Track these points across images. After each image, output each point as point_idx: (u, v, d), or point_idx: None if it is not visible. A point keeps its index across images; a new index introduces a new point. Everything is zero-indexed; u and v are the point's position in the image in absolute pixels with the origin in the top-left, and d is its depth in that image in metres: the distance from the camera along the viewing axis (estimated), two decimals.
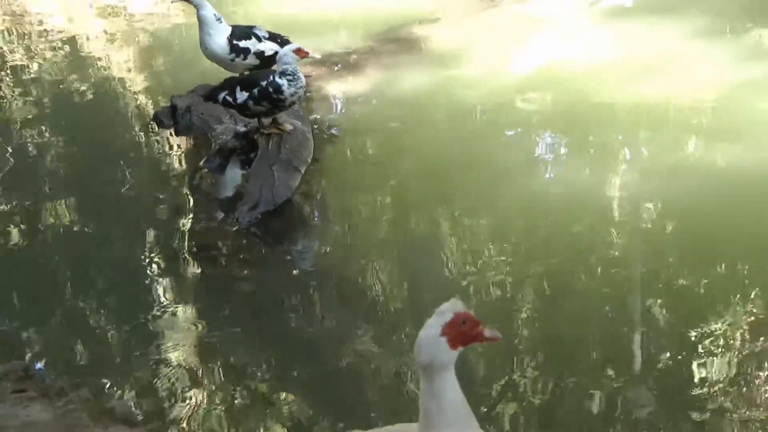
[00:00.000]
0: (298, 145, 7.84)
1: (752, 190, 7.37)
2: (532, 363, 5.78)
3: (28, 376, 5.08)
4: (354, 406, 5.53)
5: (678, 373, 5.64)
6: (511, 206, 7.43)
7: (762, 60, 9.71)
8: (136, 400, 5.56)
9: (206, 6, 8.37)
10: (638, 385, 5.59)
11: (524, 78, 9.65)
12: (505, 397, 5.51)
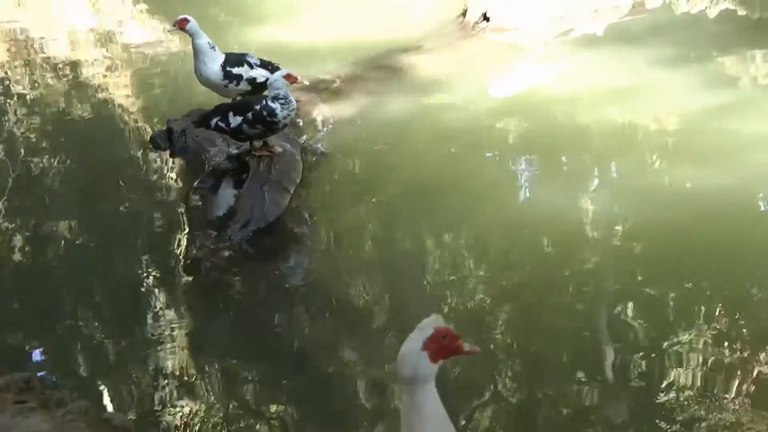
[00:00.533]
0: (288, 167, 7.83)
1: (717, 210, 7.39)
2: (508, 374, 5.78)
3: (28, 387, 5.05)
4: (341, 415, 5.52)
5: (648, 383, 5.63)
6: (490, 224, 7.43)
7: (724, 86, 9.76)
8: (133, 410, 5.54)
9: (201, 35, 8.37)
10: (609, 396, 5.59)
11: (502, 103, 9.67)
12: (483, 407, 5.50)
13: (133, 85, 10.44)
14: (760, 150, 8.24)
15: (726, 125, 8.80)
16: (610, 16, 11.72)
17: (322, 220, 7.55)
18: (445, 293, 6.54)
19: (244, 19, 12.73)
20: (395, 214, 7.65)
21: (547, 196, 7.81)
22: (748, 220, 7.30)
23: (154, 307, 6.54)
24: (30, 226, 7.62)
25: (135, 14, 13.28)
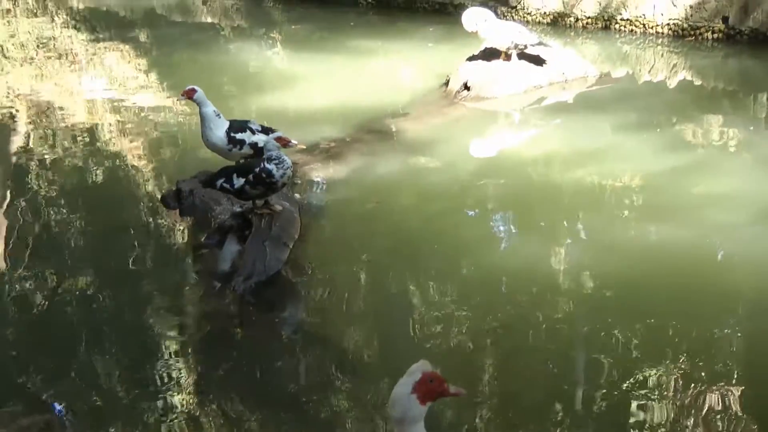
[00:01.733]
0: (287, 223, 7.83)
1: (678, 261, 7.41)
2: (488, 413, 5.75)
3: (48, 428, 5.02)
4: None
5: (616, 420, 5.61)
6: (472, 276, 7.44)
7: (683, 149, 9.82)
8: None
9: (207, 104, 8.40)
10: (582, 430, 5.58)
11: (482, 165, 9.71)
12: None
13: (145, 149, 10.45)
14: (715, 207, 8.27)
15: (685, 185, 8.84)
16: (579, 86, 11.80)
17: (318, 273, 7.53)
18: (432, 340, 6.52)
19: (246, 88, 12.78)
20: (385, 266, 7.65)
21: (524, 250, 7.81)
22: (707, 271, 7.31)
23: (163, 353, 6.50)
24: (49, 278, 7.58)
25: (147, 84, 13.32)
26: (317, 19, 16.92)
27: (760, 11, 13.10)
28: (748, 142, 10.04)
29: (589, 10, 14.57)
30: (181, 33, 16.99)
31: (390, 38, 15.05)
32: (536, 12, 15.11)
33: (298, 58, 14.47)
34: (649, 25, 14.06)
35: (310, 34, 16.12)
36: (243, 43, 15.71)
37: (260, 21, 17.65)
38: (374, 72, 13.49)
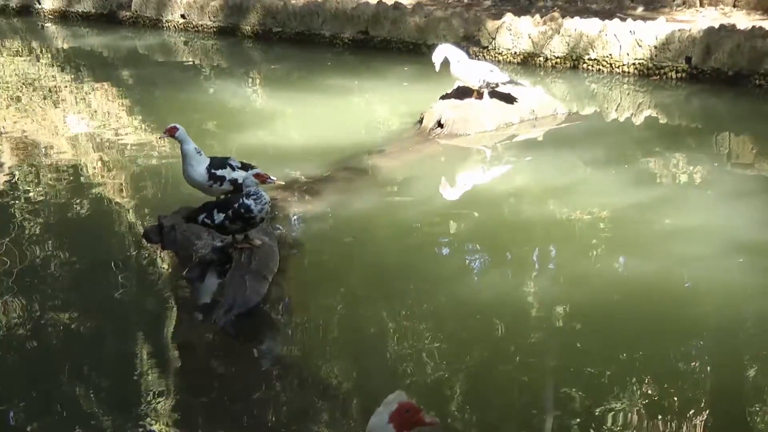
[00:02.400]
0: (266, 257, 7.83)
1: (645, 293, 7.46)
2: None
3: None
4: None
5: None
6: (446, 307, 7.45)
7: (650, 185, 9.88)
8: None
9: (189, 141, 8.41)
10: None
11: (455, 200, 9.74)
12: None
13: (128, 185, 10.43)
14: (681, 240, 8.33)
15: (652, 218, 8.90)
16: (549, 123, 11.88)
17: (297, 306, 7.53)
18: (408, 370, 6.53)
19: (226, 125, 12.79)
20: (362, 299, 7.66)
21: (496, 282, 7.84)
22: (673, 303, 7.35)
23: (145, 384, 6.48)
24: (32, 312, 7.53)
25: (129, 122, 13.32)
26: (295, 59, 16.98)
27: (721, 52, 13.24)
28: (712, 177, 10.12)
29: (558, 50, 14.69)
30: (163, 72, 17.02)
31: (366, 77, 15.12)
32: (507, 52, 15.21)
33: (277, 97, 14.52)
34: (616, 65, 14.17)
35: (289, 73, 16.18)
36: (223, 83, 15.74)
37: (240, 61, 17.71)
38: (351, 110, 13.54)
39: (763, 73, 12.93)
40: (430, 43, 15.88)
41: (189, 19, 19.85)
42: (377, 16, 16.98)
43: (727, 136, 11.99)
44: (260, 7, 18.71)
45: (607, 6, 16.80)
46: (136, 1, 20.88)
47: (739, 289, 7.48)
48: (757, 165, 10.84)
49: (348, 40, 17.34)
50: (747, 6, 15.63)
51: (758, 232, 8.42)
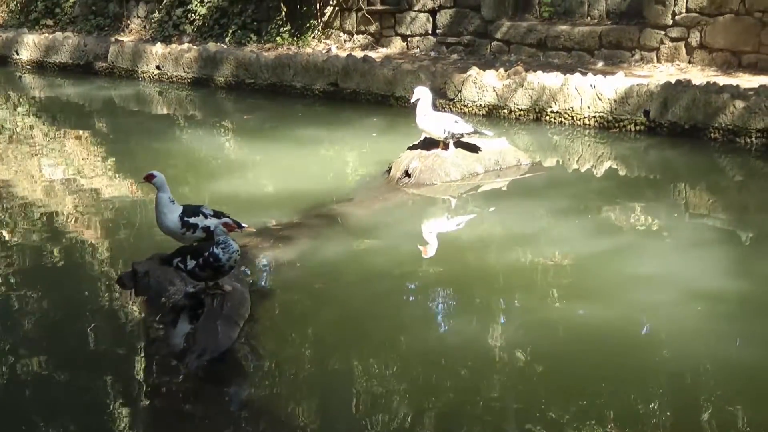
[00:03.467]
0: (238, 303, 7.81)
1: (606, 338, 7.50)
2: None
3: None
4: None
5: None
6: (412, 353, 7.45)
7: (611, 234, 9.94)
8: None
9: (165, 189, 8.40)
10: None
11: (422, 247, 9.74)
12: None
13: (102, 232, 10.39)
14: (640, 288, 8.38)
15: (612, 267, 8.96)
16: (513, 174, 11.95)
17: (267, 351, 7.50)
18: (375, 415, 6.52)
19: (199, 174, 12.81)
20: (331, 344, 7.64)
21: (461, 328, 7.85)
22: (632, 348, 7.39)
23: (116, 428, 6.43)
24: (4, 357, 7.46)
25: (104, 170, 13.29)
26: (267, 110, 17.04)
27: (678, 106, 13.40)
28: (670, 227, 10.20)
29: (522, 103, 14.82)
30: (138, 122, 17.03)
31: (336, 128, 15.19)
32: (473, 104, 15.33)
33: (249, 146, 14.55)
34: (577, 118, 14.31)
35: (261, 123, 16.22)
36: (197, 132, 15.77)
37: (213, 111, 17.75)
38: (321, 159, 13.59)
39: (718, 126, 13.09)
40: (398, 95, 16.01)
41: (164, 70, 19.89)
42: (347, 68, 17.08)
43: (685, 187, 12.12)
44: (233, 59, 18.78)
45: (568, 60, 16.98)
46: (112, 52, 20.91)
47: (697, 336, 7.53)
48: (713, 215, 10.94)
49: (318, 91, 17.43)
50: (702, 62, 15.85)
51: (715, 281, 8.49)
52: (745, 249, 9.59)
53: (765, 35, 15.31)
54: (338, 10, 20.11)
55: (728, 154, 12.83)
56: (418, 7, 19.08)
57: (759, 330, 7.65)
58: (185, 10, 22.06)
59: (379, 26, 19.64)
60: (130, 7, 23.38)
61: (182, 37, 21.69)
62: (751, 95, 13.03)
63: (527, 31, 17.64)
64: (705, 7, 15.73)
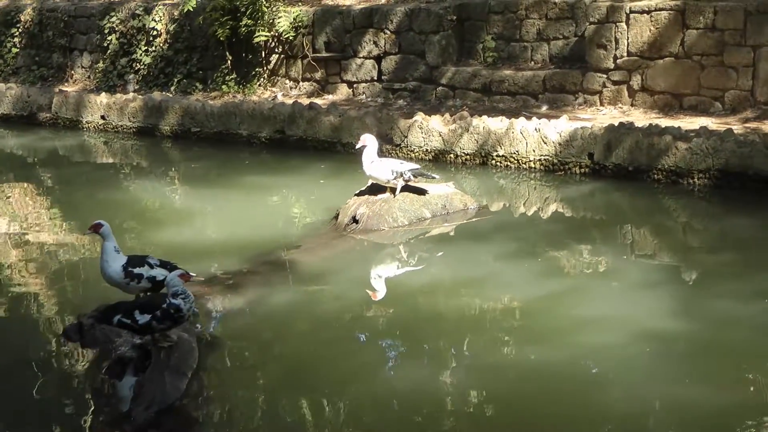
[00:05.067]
0: (185, 354, 7.73)
1: (556, 382, 7.52)
2: None
3: None
4: None
5: None
6: (363, 399, 7.43)
7: (559, 277, 10.00)
8: None
9: (111, 238, 8.34)
10: None
11: (371, 293, 9.72)
12: None
13: (48, 284, 10.26)
14: (589, 330, 8.43)
15: (561, 309, 9.00)
16: (460, 218, 11.99)
17: (216, 400, 7.43)
18: None
19: (145, 224, 12.72)
20: (281, 392, 7.58)
21: (412, 373, 7.84)
22: (583, 390, 7.42)
23: None
24: None
25: (49, 221, 13.16)
26: (214, 158, 16.99)
27: (621, 148, 13.56)
28: (617, 268, 10.28)
29: (468, 148, 14.91)
30: (83, 172, 16.90)
31: (283, 175, 15.18)
32: (419, 149, 15.40)
33: (196, 195, 14.49)
34: (523, 161, 14.42)
35: (207, 172, 16.17)
36: (142, 182, 15.68)
37: (159, 160, 17.66)
38: (269, 207, 13.56)
39: (661, 168, 13.26)
40: (345, 142, 16.06)
41: (109, 120, 19.79)
42: (293, 116, 17.11)
43: (630, 229, 12.23)
44: (179, 108, 18.74)
45: (513, 105, 17.13)
46: (56, 103, 20.78)
47: (647, 376, 7.58)
48: (659, 256, 11.05)
49: (265, 139, 17.42)
50: (644, 105, 16.07)
51: (662, 321, 8.56)
52: (691, 289, 9.68)
53: (704, 78, 15.58)
54: (284, 58, 20.16)
55: (672, 195, 12.99)
56: (363, 54, 19.19)
57: (706, 369, 7.71)
58: (130, 60, 22.01)
59: (325, 73, 19.72)
60: (73, 57, 23.27)
61: (127, 86, 21.62)
62: (692, 137, 13.22)
63: (472, 76, 17.80)
64: (645, 51, 15.97)
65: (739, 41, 15.22)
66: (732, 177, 12.76)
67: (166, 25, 21.57)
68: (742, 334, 8.37)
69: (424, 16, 18.46)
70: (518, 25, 17.90)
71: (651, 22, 15.85)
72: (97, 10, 22.80)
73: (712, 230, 12.05)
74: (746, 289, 9.40)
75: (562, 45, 17.52)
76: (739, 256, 10.73)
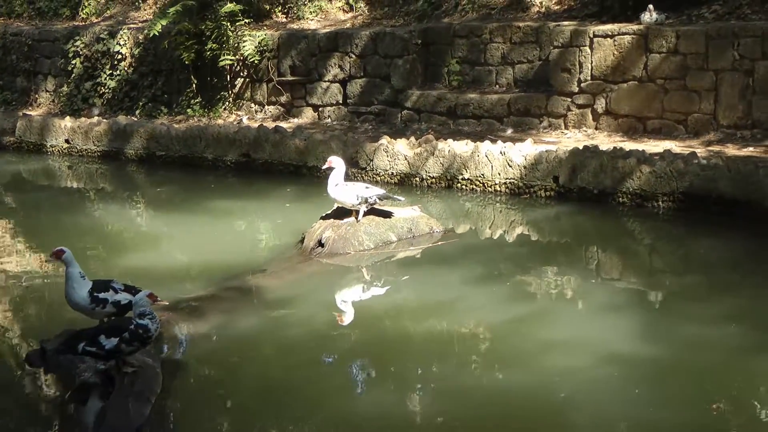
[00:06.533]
0: (149, 379, 7.65)
1: (523, 405, 7.52)
2: None
3: None
4: None
5: None
6: (331, 423, 7.38)
7: (525, 300, 10.02)
8: None
9: (74, 264, 8.27)
10: None
11: (337, 317, 9.69)
12: None
13: (11, 309, 10.15)
14: (556, 353, 8.43)
15: (527, 332, 9.00)
16: (426, 242, 11.98)
17: (181, 426, 7.36)
18: None
19: (110, 248, 12.62)
20: (248, 417, 7.52)
21: (379, 397, 7.81)
22: (550, 413, 7.41)
23: None
24: None
25: (12, 246, 13.02)
26: (179, 182, 16.90)
27: (586, 172, 13.62)
28: (583, 291, 10.31)
29: (433, 171, 14.92)
30: (47, 197, 16.75)
31: (249, 198, 15.13)
32: (384, 173, 15.39)
33: (161, 219, 14.40)
34: (488, 184, 14.44)
35: (173, 196, 16.08)
36: (108, 206, 15.56)
37: (124, 184, 17.55)
38: (234, 231, 13.49)
39: (626, 191, 13.31)
40: (311, 165, 16.03)
41: (73, 144, 19.66)
42: (258, 139, 17.07)
43: (596, 252, 12.27)
44: (144, 131, 18.65)
45: (478, 128, 17.18)
46: (20, 127, 20.62)
47: (613, 399, 7.58)
48: (624, 279, 11.08)
49: (231, 162, 17.36)
50: (608, 128, 16.15)
51: (629, 344, 8.57)
52: (656, 311, 9.72)
53: (667, 101, 15.69)
54: (249, 82, 20.13)
55: (637, 218, 13.05)
56: (328, 78, 19.20)
57: (672, 392, 7.71)
58: (94, 84, 21.90)
59: (290, 97, 19.70)
60: (38, 81, 23.13)
61: (92, 110, 21.49)
62: (656, 160, 13.30)
63: (437, 99, 17.84)
64: (609, 75, 16.08)
65: (701, 65, 15.36)
66: (696, 200, 12.83)
67: (131, 49, 21.49)
68: (707, 357, 8.39)
69: (389, 40, 18.51)
70: (483, 48, 17.97)
71: (614, 46, 15.96)
72: (62, 34, 22.69)
73: (677, 253, 12.10)
74: (711, 312, 9.44)
75: (526, 69, 17.60)
76: (703, 278, 10.79)
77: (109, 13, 23.99)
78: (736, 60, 15.07)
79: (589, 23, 16.88)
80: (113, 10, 24.07)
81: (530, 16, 18.26)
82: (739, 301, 9.80)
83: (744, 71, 15.03)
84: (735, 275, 10.86)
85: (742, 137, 14.86)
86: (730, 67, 15.13)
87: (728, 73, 15.17)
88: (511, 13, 18.66)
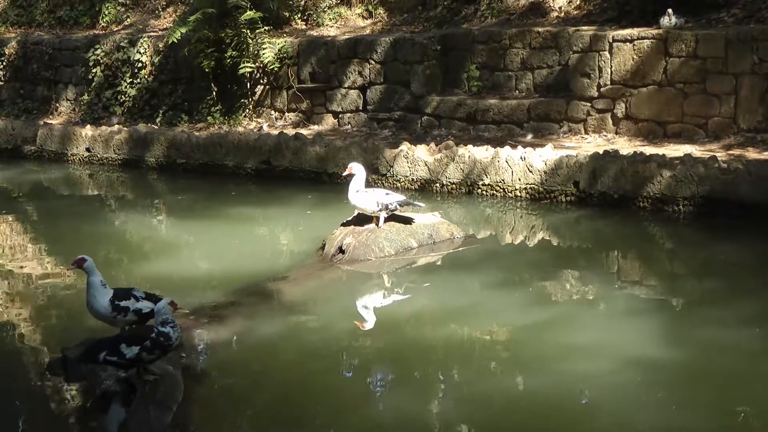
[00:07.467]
0: (171, 387, 7.66)
1: (545, 411, 7.49)
2: None
3: None
4: None
5: None
6: (350, 430, 7.36)
7: (546, 304, 9.98)
8: None
9: (96, 273, 8.29)
10: None
11: (358, 324, 9.67)
12: None
13: (33, 318, 10.17)
14: (577, 358, 8.39)
15: (549, 337, 8.96)
16: (446, 248, 11.94)
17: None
18: None
19: (131, 256, 12.64)
20: (268, 425, 7.53)
21: (401, 403, 7.78)
22: (572, 418, 7.38)
23: None
24: None
25: (34, 254, 13.07)
26: (200, 190, 16.92)
27: (606, 177, 13.57)
28: (604, 296, 10.27)
29: (454, 177, 14.90)
30: (68, 205, 16.79)
31: (269, 205, 15.13)
32: (405, 179, 15.38)
33: (182, 227, 14.41)
34: (509, 190, 14.41)
35: (194, 203, 16.10)
36: (128, 214, 15.60)
37: (145, 192, 17.60)
38: (255, 238, 13.50)
39: (646, 195, 13.26)
40: (331, 172, 16.03)
41: (94, 152, 19.72)
42: (279, 146, 17.08)
43: (617, 257, 12.22)
44: (164, 139, 18.69)
45: (498, 134, 17.14)
46: (41, 135, 20.70)
47: (636, 404, 7.54)
48: (645, 283, 11.03)
49: (251, 170, 17.38)
50: (628, 133, 16.10)
51: (651, 349, 8.53)
52: (678, 316, 9.67)
53: (687, 105, 15.63)
54: (269, 89, 20.16)
55: (657, 222, 12.99)
56: (348, 84, 19.20)
57: (696, 397, 7.67)
58: (115, 92, 21.97)
59: (310, 104, 19.71)
60: (58, 90, 23.21)
61: (112, 118, 21.57)
62: (677, 164, 13.24)
63: (457, 105, 17.82)
64: (629, 79, 16.03)
65: (720, 69, 15.29)
66: (716, 204, 12.76)
67: (151, 57, 21.55)
68: (730, 361, 8.33)
69: (409, 47, 18.50)
70: (502, 54, 17.95)
71: (634, 50, 15.91)
72: (82, 42, 22.77)
73: (698, 257, 12.04)
74: (733, 316, 9.39)
75: (546, 74, 17.56)
76: (725, 282, 10.72)
77: (129, 21, 24.06)
78: (755, 63, 15.01)
79: (608, 28, 16.83)
80: (133, 18, 24.14)
81: (549, 22, 18.22)
82: (761, 305, 9.74)
83: (763, 75, 14.96)
84: (756, 279, 10.80)
85: (763, 141, 14.79)
86: (750, 70, 15.06)
87: (748, 76, 15.10)
88: (530, 18, 18.62)
